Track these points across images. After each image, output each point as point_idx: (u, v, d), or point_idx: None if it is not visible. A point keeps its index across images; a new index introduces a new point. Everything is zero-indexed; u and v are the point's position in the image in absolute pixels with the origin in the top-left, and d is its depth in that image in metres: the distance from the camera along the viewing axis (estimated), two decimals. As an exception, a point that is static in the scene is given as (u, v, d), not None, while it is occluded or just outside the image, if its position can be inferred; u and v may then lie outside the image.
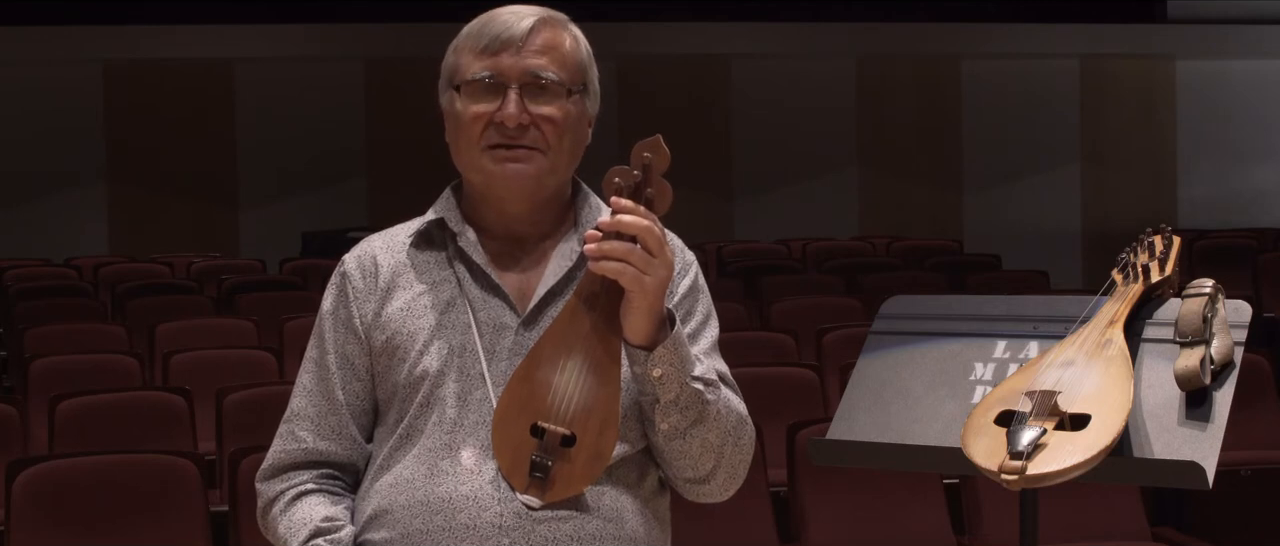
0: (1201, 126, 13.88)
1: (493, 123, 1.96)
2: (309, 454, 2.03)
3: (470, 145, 1.98)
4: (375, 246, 2.07)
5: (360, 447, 2.04)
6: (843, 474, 4.27)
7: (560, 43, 1.99)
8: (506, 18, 1.98)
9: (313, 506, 2.00)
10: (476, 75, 1.97)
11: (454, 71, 2.01)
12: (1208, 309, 2.07)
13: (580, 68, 2.00)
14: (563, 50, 1.99)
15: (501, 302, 1.99)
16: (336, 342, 2.03)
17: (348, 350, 2.02)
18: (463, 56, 2.00)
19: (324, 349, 2.04)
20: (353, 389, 2.02)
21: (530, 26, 1.97)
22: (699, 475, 1.99)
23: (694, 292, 2.05)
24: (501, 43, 1.96)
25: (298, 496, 2.01)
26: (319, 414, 2.03)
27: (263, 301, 8.00)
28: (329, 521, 1.97)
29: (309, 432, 2.03)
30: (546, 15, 1.99)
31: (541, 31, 1.97)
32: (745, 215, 13.23)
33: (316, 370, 2.05)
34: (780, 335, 6.58)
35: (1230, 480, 5.20)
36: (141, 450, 4.50)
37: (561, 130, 1.97)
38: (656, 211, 1.89)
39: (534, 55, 1.96)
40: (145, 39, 12.43)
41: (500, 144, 1.96)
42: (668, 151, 1.90)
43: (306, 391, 2.05)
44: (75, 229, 12.35)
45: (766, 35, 13.19)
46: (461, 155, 2.00)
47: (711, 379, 1.96)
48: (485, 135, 1.97)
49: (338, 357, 2.03)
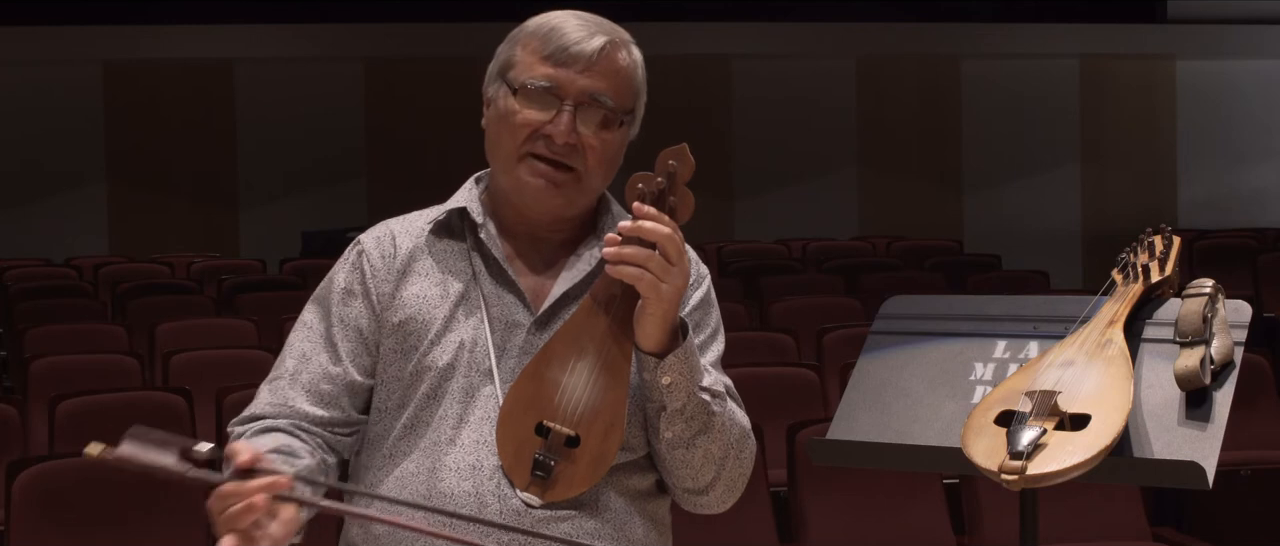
0: (1201, 126, 13.88)
1: (540, 134, 1.95)
2: (294, 413, 1.98)
3: (512, 147, 1.97)
4: (393, 228, 2.06)
5: (349, 415, 2.00)
6: (843, 474, 4.27)
7: (622, 67, 1.98)
8: (576, 31, 1.96)
9: (277, 437, 1.94)
10: (537, 83, 1.95)
11: (510, 66, 1.99)
12: (1208, 309, 2.07)
13: (634, 94, 2.00)
14: (623, 75, 1.98)
15: (516, 300, 1.99)
16: (346, 314, 2.00)
17: (361, 323, 2.00)
18: (523, 54, 1.98)
19: (329, 321, 2.01)
20: (361, 363, 1.99)
21: (600, 47, 1.95)
22: (698, 485, 1.99)
23: (706, 305, 2.06)
24: (568, 56, 1.94)
25: (265, 430, 1.96)
26: (312, 379, 1.99)
27: (263, 301, 7.99)
28: (288, 448, 1.90)
29: (296, 393, 1.98)
30: (615, 37, 1.98)
31: (608, 53, 1.96)
32: (745, 215, 13.23)
33: (319, 339, 2.01)
34: (780, 335, 6.58)
35: (1230, 480, 5.20)
36: (141, 450, 4.49)
37: (602, 158, 1.97)
38: (678, 220, 1.89)
39: (597, 77, 1.95)
40: (145, 39, 12.43)
41: (542, 156, 1.95)
42: (692, 160, 1.89)
43: (302, 356, 2.00)
44: (75, 229, 12.34)
45: (766, 35, 13.19)
46: (499, 153, 1.99)
47: (718, 391, 1.97)
48: (529, 142, 1.96)
49: (344, 330, 2.00)
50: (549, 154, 1.95)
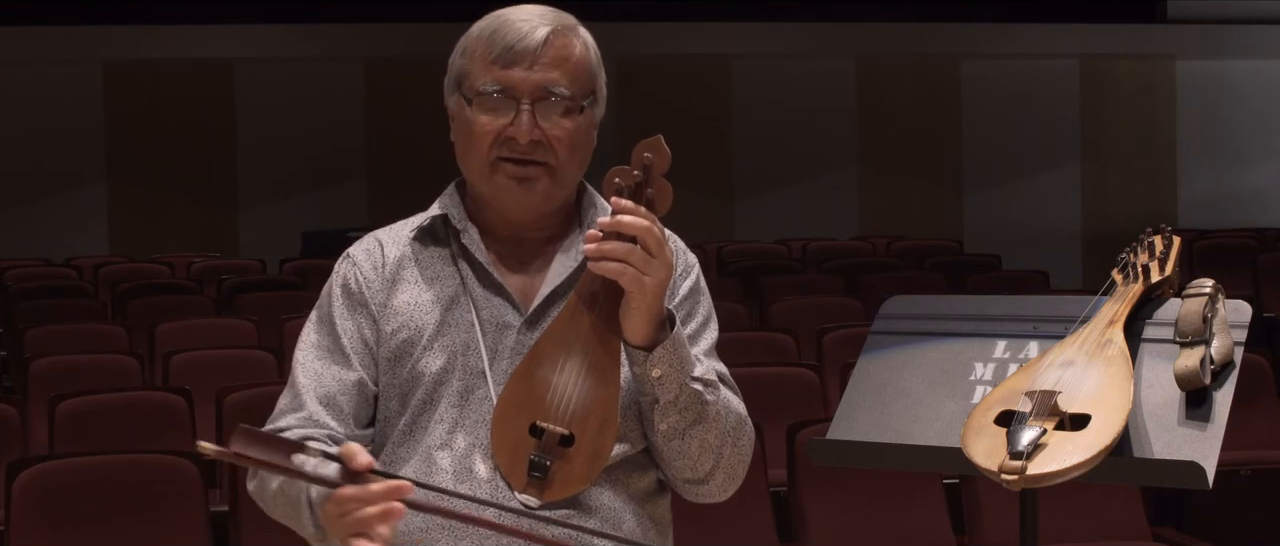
0: (1201, 126, 13.88)
1: (503, 137, 1.95)
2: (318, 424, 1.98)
3: (479, 156, 1.97)
4: (381, 238, 2.07)
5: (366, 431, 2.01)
6: (843, 474, 4.27)
7: (572, 52, 1.97)
8: (519, 26, 1.96)
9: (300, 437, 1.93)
10: (487, 88, 1.96)
11: (463, 77, 1.99)
12: (1208, 309, 2.07)
13: (590, 76, 2.00)
14: (574, 60, 1.97)
15: (504, 302, 1.99)
16: (349, 325, 2.00)
17: (365, 331, 2.00)
18: (473, 63, 1.98)
19: (335, 333, 2.01)
20: (370, 370, 2.00)
21: (543, 38, 1.95)
22: (698, 475, 1.99)
23: (695, 294, 2.05)
24: (515, 55, 1.94)
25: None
26: (328, 394, 1.99)
27: (263, 301, 7.99)
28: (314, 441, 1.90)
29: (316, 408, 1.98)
30: (558, 24, 1.97)
31: (554, 42, 1.96)
32: (745, 215, 13.23)
33: (327, 353, 2.01)
34: (780, 335, 6.58)
35: (1230, 480, 5.20)
36: (141, 450, 4.50)
37: (571, 147, 1.97)
38: (657, 212, 1.88)
39: (546, 68, 1.95)
40: (145, 39, 12.42)
41: (510, 158, 1.96)
42: (668, 151, 1.89)
43: (314, 374, 2.00)
44: (75, 229, 12.34)
45: (766, 35, 13.19)
46: (470, 164, 2.00)
47: (711, 379, 1.96)
48: (495, 148, 1.96)
49: (351, 340, 2.00)
50: (516, 155, 1.95)
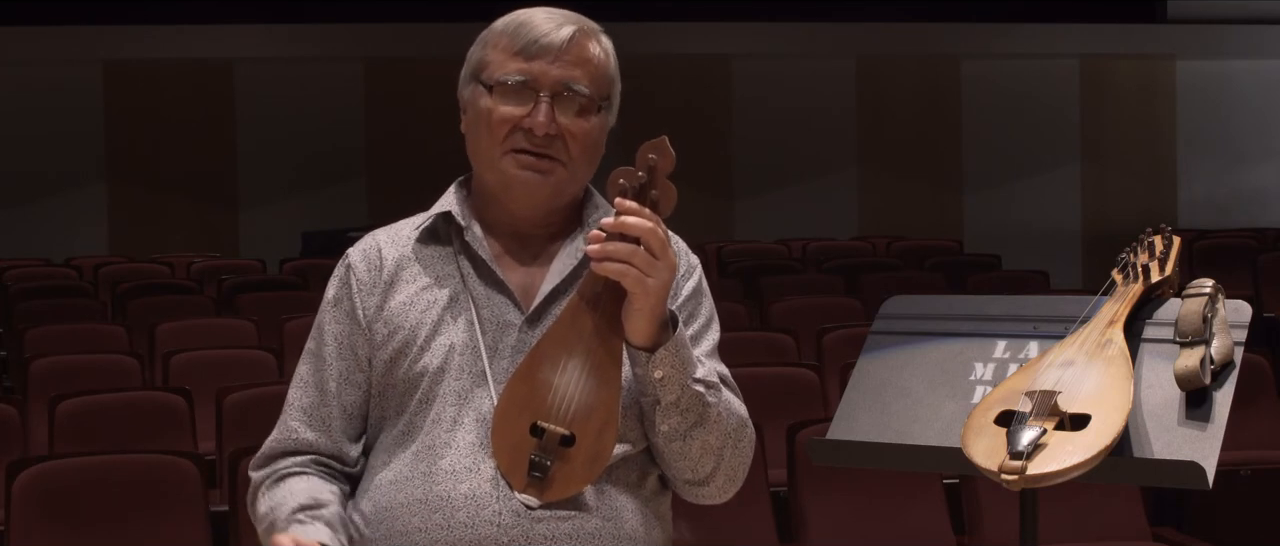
0: (1201, 126, 13.88)
1: (520, 127, 1.96)
2: (299, 444, 2.02)
3: (493, 145, 1.98)
4: (380, 239, 2.07)
5: (353, 439, 2.03)
6: (843, 474, 4.27)
7: (594, 55, 1.99)
8: (544, 24, 1.98)
9: (298, 484, 1.99)
10: (510, 77, 1.96)
11: (483, 67, 2.00)
12: (1208, 309, 2.06)
13: (609, 81, 2.01)
14: (595, 62, 1.99)
15: (506, 300, 1.99)
16: (338, 334, 2.03)
17: (352, 341, 2.02)
18: (494, 53, 1.99)
19: (323, 341, 2.04)
20: (354, 380, 2.02)
21: (569, 36, 1.97)
22: (698, 477, 1.99)
23: (697, 296, 2.06)
24: (539, 48, 1.96)
25: (283, 477, 2.01)
26: (312, 405, 2.02)
27: (263, 301, 7.99)
28: (313, 501, 1.95)
29: (301, 423, 2.02)
30: (583, 26, 2.00)
31: (578, 42, 1.98)
32: (745, 215, 13.23)
33: (314, 362, 2.04)
34: (780, 335, 6.57)
35: (1230, 480, 5.20)
36: (141, 450, 4.50)
37: (584, 145, 1.98)
38: (661, 213, 1.89)
39: (569, 66, 1.96)
40: (145, 39, 12.42)
41: (524, 150, 1.96)
42: (673, 153, 1.89)
43: (303, 382, 2.05)
44: (75, 229, 12.34)
45: (766, 35, 13.19)
46: (481, 153, 2.00)
47: (713, 381, 1.96)
48: (510, 138, 1.97)
49: (337, 349, 2.02)
50: (531, 146, 1.96)
